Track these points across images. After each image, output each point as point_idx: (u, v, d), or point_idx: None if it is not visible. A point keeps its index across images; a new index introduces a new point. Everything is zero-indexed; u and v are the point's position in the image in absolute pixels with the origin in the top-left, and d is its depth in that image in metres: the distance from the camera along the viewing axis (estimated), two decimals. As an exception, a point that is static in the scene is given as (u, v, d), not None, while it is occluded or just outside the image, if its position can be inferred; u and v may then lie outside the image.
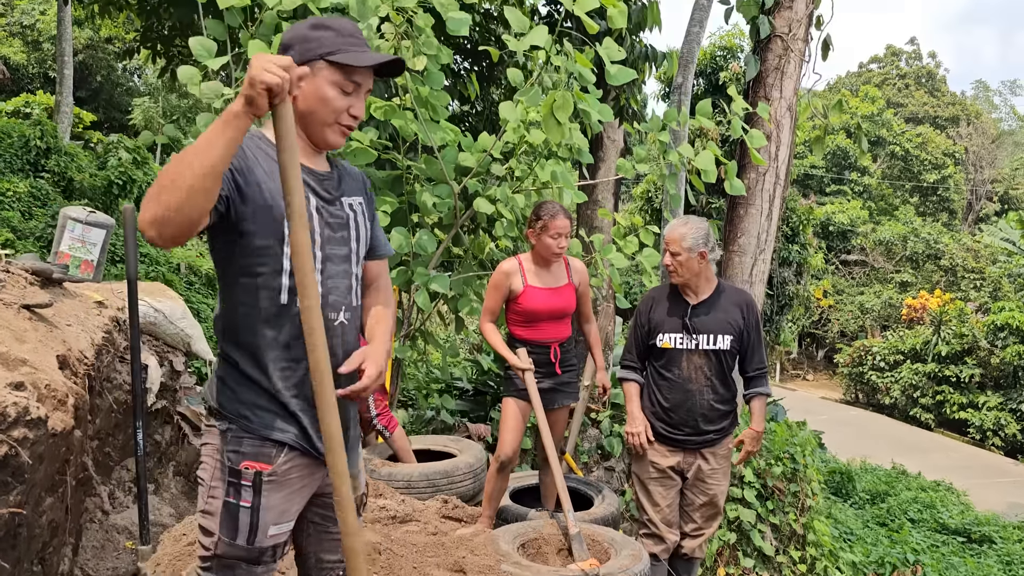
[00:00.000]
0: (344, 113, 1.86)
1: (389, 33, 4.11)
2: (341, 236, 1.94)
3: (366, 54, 1.86)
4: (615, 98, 6.33)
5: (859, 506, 11.55)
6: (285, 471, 1.86)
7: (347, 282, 1.96)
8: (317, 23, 1.87)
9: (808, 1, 5.98)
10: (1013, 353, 19.79)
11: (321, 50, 1.82)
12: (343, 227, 1.95)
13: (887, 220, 32.57)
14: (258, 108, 1.57)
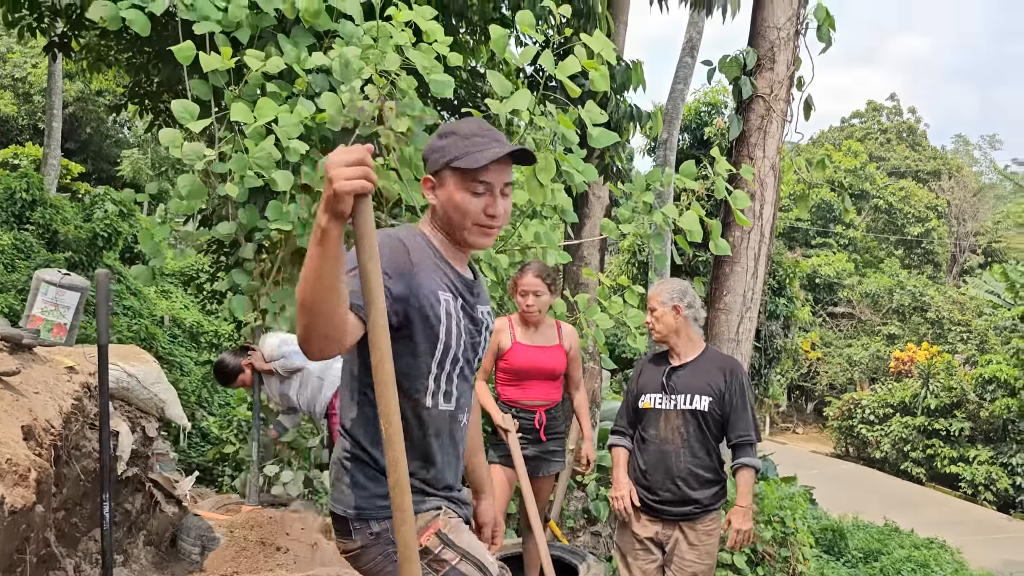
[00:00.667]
0: (480, 215, 1.85)
1: (373, 95, 4.12)
2: (474, 342, 1.98)
3: (484, 153, 1.81)
4: (600, 156, 6.35)
5: (852, 565, 11.36)
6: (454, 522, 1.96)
7: (469, 384, 2.02)
8: (444, 130, 1.90)
9: (789, 63, 6.06)
10: (1002, 406, 19.76)
11: (445, 158, 1.84)
12: (478, 333, 1.99)
13: (873, 273, 32.79)
14: (345, 215, 1.51)
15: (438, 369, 1.88)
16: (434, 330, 1.85)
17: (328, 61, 4.07)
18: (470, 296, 1.96)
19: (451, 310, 1.88)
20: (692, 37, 11.67)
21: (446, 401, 1.93)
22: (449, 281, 1.90)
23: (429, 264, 1.87)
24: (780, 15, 6.00)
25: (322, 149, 4.95)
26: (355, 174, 1.48)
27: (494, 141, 1.84)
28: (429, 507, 1.92)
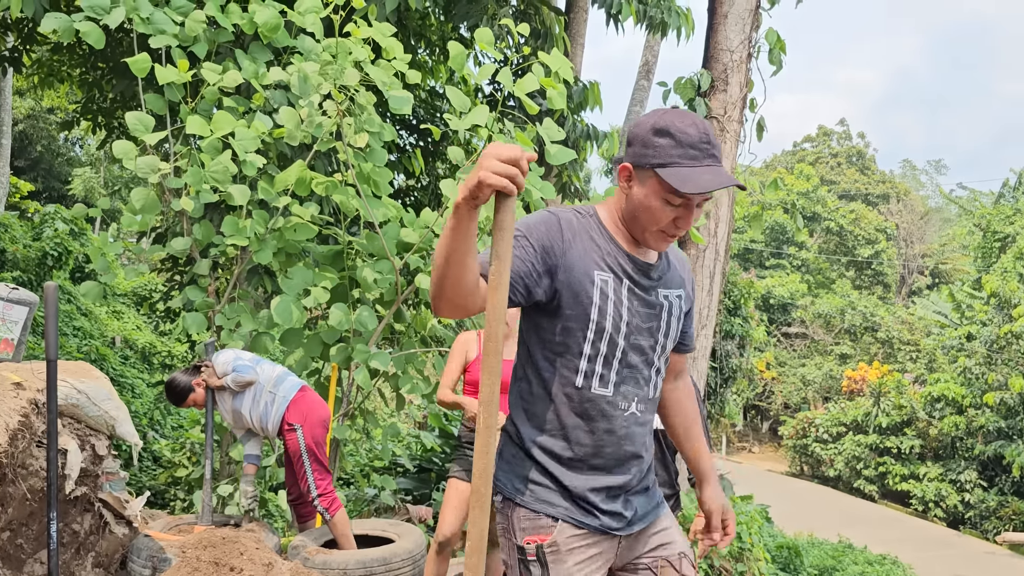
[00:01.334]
0: (668, 223, 1.81)
1: (331, 111, 4.12)
2: (649, 327, 1.90)
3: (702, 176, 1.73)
4: (557, 175, 6.42)
5: (807, 581, 11.47)
6: (565, 540, 1.87)
7: (645, 373, 1.92)
8: (661, 127, 1.77)
9: (742, 85, 6.20)
10: (950, 424, 20.22)
11: (655, 160, 1.76)
12: (653, 317, 1.91)
13: (825, 293, 33.44)
14: (481, 202, 1.56)
15: (592, 350, 1.84)
16: (585, 309, 1.82)
17: (286, 76, 4.07)
18: (645, 279, 1.89)
19: (608, 290, 1.83)
20: (648, 60, 11.89)
21: (601, 385, 1.86)
22: (613, 261, 1.86)
23: (588, 244, 1.84)
24: (733, 39, 6.15)
25: (279, 164, 4.94)
26: (504, 171, 1.51)
27: (708, 157, 1.75)
28: (552, 512, 1.87)
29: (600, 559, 1.93)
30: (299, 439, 3.93)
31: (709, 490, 2.08)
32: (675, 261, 2.01)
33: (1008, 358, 19.50)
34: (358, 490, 6.04)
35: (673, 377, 2.14)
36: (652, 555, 2.02)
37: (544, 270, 1.79)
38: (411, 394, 4.94)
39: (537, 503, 1.88)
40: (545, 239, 1.80)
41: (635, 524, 1.97)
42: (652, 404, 1.97)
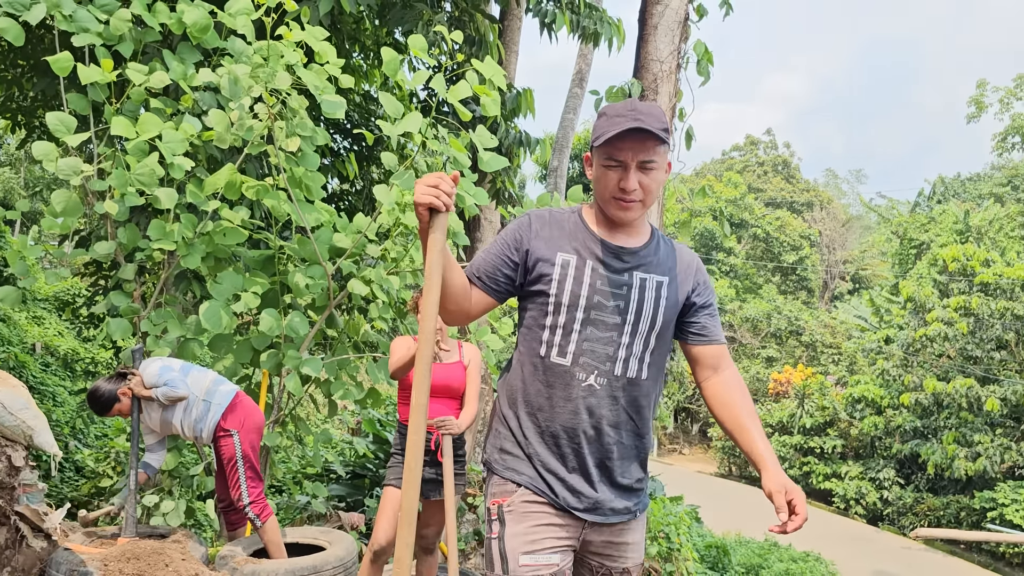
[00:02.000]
0: (615, 188, 1.99)
1: (263, 114, 4.07)
2: (616, 305, 2.03)
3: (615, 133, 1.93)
4: (491, 181, 6.46)
5: (735, 580, 11.75)
6: (522, 503, 2.05)
7: (609, 350, 2.03)
8: (600, 111, 2.04)
9: (671, 94, 6.35)
10: (869, 424, 20.98)
11: (593, 137, 2.02)
12: (620, 296, 2.04)
13: (752, 298, 34.34)
14: (425, 221, 1.83)
15: (551, 321, 2.03)
16: (546, 286, 2.03)
17: (216, 78, 4.01)
18: (616, 260, 2.05)
19: (568, 268, 2.03)
20: (581, 68, 12.05)
21: (559, 355, 2.03)
22: (580, 244, 2.06)
23: (557, 232, 2.08)
24: (663, 49, 6.29)
25: (209, 168, 4.85)
26: (426, 192, 1.79)
27: (631, 121, 1.93)
28: (516, 479, 2.07)
29: (561, 531, 2.06)
30: (235, 445, 3.88)
31: (766, 474, 2.05)
32: (671, 252, 2.16)
33: (923, 360, 20.35)
34: (290, 498, 5.96)
35: (710, 371, 2.20)
36: (600, 559, 2.15)
37: (517, 258, 2.06)
38: (344, 400, 4.90)
39: (506, 471, 2.09)
40: (516, 233, 2.09)
41: (601, 512, 2.07)
42: (622, 383, 2.05)
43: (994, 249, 25.85)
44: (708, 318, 2.18)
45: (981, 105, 30.69)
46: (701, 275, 2.20)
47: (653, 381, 2.12)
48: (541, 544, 2.03)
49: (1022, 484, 17.39)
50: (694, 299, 2.15)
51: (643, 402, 2.09)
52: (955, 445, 18.36)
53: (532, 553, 2.02)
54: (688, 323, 2.17)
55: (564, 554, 2.06)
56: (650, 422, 2.17)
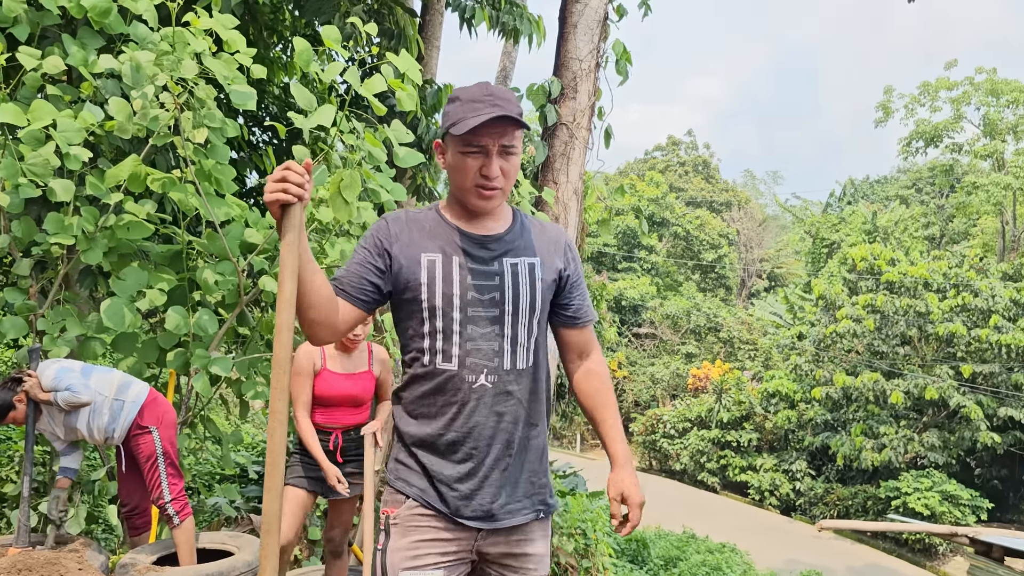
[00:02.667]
0: (476, 175, 1.90)
1: (168, 103, 3.91)
2: (491, 298, 1.94)
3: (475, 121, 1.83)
4: (411, 177, 6.38)
5: (654, 572, 11.97)
6: (409, 516, 1.96)
7: (495, 345, 1.94)
8: (452, 95, 1.94)
9: (590, 93, 6.39)
10: (783, 418, 21.68)
11: (447, 123, 1.92)
12: (492, 288, 1.94)
13: (673, 295, 35.06)
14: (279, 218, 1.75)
15: (430, 327, 1.93)
16: (416, 292, 1.92)
17: (118, 65, 3.83)
18: (482, 250, 1.96)
19: (435, 269, 1.93)
20: (506, 66, 12.05)
21: (445, 360, 1.93)
22: (444, 240, 1.96)
23: (417, 232, 1.97)
24: (582, 48, 6.33)
25: (113, 159, 4.64)
26: (274, 188, 1.72)
27: (490, 107, 1.85)
28: (406, 490, 1.98)
29: (451, 545, 1.96)
30: (155, 441, 3.75)
31: (612, 475, 2.05)
32: (536, 231, 2.07)
33: (833, 356, 21.13)
34: (199, 501, 5.77)
35: (576, 356, 2.15)
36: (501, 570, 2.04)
37: (382, 264, 1.94)
38: (257, 400, 4.77)
39: (397, 481, 2.00)
40: (375, 239, 1.97)
41: (495, 519, 1.97)
42: (513, 375, 1.97)
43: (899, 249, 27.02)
44: (580, 299, 2.11)
45: (888, 110, 31.99)
46: (571, 251, 2.11)
47: (540, 366, 2.04)
48: (424, 560, 1.94)
49: (923, 474, 18.24)
50: (565, 275, 2.07)
51: (536, 388, 2.02)
52: (862, 437, 19.12)
53: (413, 569, 1.93)
54: (561, 304, 2.09)
55: (450, 569, 1.96)
56: (547, 408, 2.08)
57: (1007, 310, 18.94)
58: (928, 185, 36.74)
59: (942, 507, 17.11)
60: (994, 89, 28.58)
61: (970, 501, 17.56)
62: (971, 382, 18.69)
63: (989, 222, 30.84)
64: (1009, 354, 18.30)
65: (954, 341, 19.14)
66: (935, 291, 19.83)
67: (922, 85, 30.80)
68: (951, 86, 30.01)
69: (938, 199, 34.86)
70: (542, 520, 2.08)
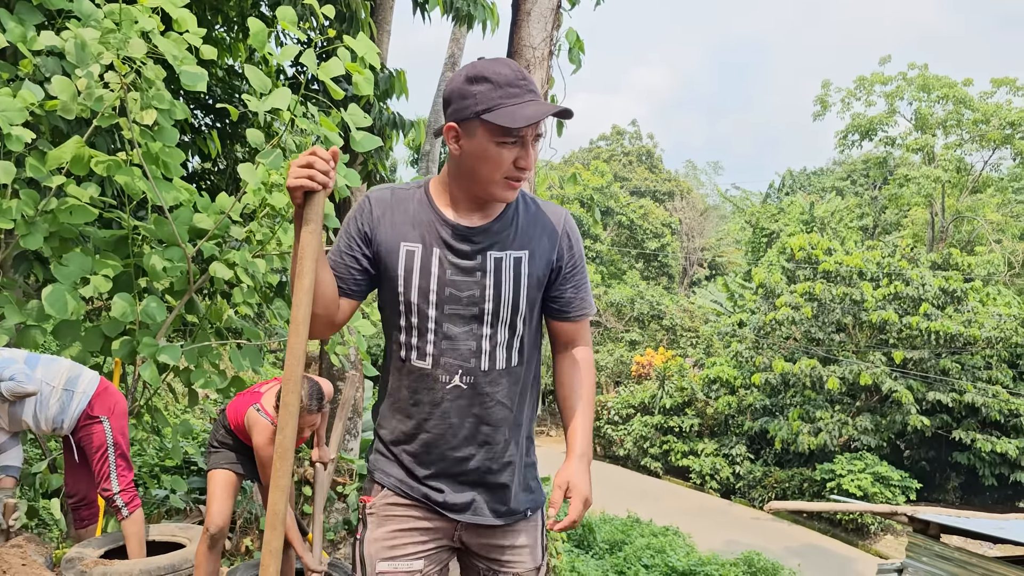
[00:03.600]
0: (511, 168, 1.76)
1: (114, 83, 3.78)
2: (470, 295, 1.82)
3: (526, 109, 1.70)
4: (363, 163, 6.30)
5: (599, 556, 12.14)
6: (385, 505, 1.91)
7: (472, 344, 1.83)
8: (474, 75, 1.74)
9: (543, 81, 6.38)
10: (724, 403, 22.13)
11: (477, 108, 1.72)
12: (473, 285, 1.82)
13: (617, 283, 35.41)
14: (298, 206, 1.69)
15: (405, 322, 1.84)
16: (393, 283, 1.83)
17: (60, 42, 3.68)
18: (465, 244, 1.82)
19: (413, 262, 1.82)
20: (454, 52, 11.95)
21: (419, 358, 1.84)
22: (427, 229, 1.83)
23: (400, 216, 1.85)
24: (535, 35, 6.31)
25: (54, 140, 4.47)
26: (299, 173, 1.65)
27: (528, 92, 1.73)
28: (383, 480, 1.93)
29: (427, 535, 1.90)
30: (107, 431, 3.70)
31: (563, 466, 1.97)
32: (532, 216, 1.92)
33: (772, 343, 21.62)
34: (146, 492, 5.63)
35: (562, 346, 2.04)
36: (485, 563, 1.97)
37: (369, 251, 1.86)
38: (206, 389, 4.66)
39: (376, 471, 1.95)
40: (358, 223, 1.86)
41: (477, 513, 1.90)
42: (491, 377, 1.85)
43: (835, 239, 27.77)
44: (573, 291, 1.96)
45: (825, 104, 32.74)
46: (568, 239, 1.94)
47: (528, 364, 1.93)
48: (402, 550, 1.88)
49: (856, 456, 18.84)
50: (558, 266, 1.92)
51: (518, 389, 1.91)
52: (799, 421, 19.65)
53: (391, 560, 1.87)
54: (552, 296, 1.95)
55: (430, 559, 1.91)
56: (531, 407, 2.00)
57: (936, 298, 19.62)
58: (863, 177, 37.82)
59: (874, 488, 17.71)
60: (926, 85, 29.49)
61: (900, 482, 18.21)
62: (902, 368, 19.35)
63: (919, 213, 31.89)
64: (937, 340, 18.97)
65: (886, 328, 19.78)
66: (869, 280, 20.44)
67: (858, 79, 31.60)
68: (885, 81, 30.86)
69: (872, 191, 35.92)
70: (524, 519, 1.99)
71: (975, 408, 18.43)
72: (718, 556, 12.51)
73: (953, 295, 19.68)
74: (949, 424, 19.20)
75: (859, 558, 16.51)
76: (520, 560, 1.97)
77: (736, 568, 12.00)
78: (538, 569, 2.01)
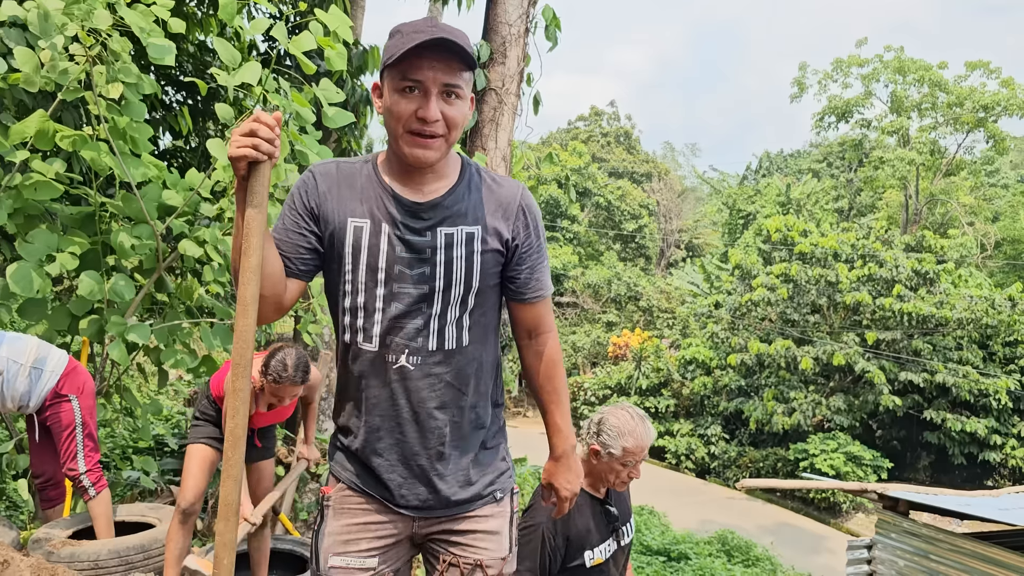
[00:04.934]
0: (411, 118, 1.64)
1: (79, 56, 3.68)
2: (420, 273, 1.73)
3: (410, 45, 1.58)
4: (336, 140, 6.22)
5: (575, 535, 12.21)
6: (341, 499, 1.86)
7: (418, 322, 1.74)
8: (393, 29, 1.66)
9: (519, 59, 6.33)
10: (700, 384, 22.31)
11: (386, 58, 1.65)
12: (422, 262, 1.72)
13: (595, 265, 35.48)
14: (241, 174, 1.57)
15: (351, 303, 1.75)
16: (340, 262, 1.75)
17: (23, 12, 3.58)
18: (414, 220, 1.72)
19: (361, 238, 1.72)
20: (430, 30, 11.82)
21: (365, 340, 1.75)
22: (375, 205, 1.73)
23: (347, 191, 1.75)
24: (512, 12, 6.26)
25: (17, 114, 4.36)
26: (242, 143, 1.53)
27: (432, 34, 1.59)
28: (340, 475, 1.88)
29: (383, 529, 1.84)
30: (75, 410, 3.65)
31: (547, 464, 1.93)
32: (486, 191, 1.80)
33: (748, 324, 21.80)
34: (116, 473, 5.57)
35: (524, 334, 1.93)
36: (445, 547, 1.88)
37: (317, 229, 1.76)
38: (177, 369, 4.61)
39: (334, 464, 1.91)
40: (303, 199, 1.77)
41: (435, 508, 1.84)
42: (439, 357, 1.77)
43: (811, 220, 27.97)
44: (529, 271, 1.84)
45: (802, 86, 32.88)
46: (524, 215, 1.82)
47: (481, 343, 1.82)
48: (356, 545, 1.83)
49: (829, 436, 19.10)
50: (513, 244, 1.81)
51: (470, 370, 1.81)
52: (774, 402, 19.87)
53: (343, 555, 1.82)
54: (508, 276, 1.84)
55: (386, 555, 1.85)
56: (491, 388, 1.90)
57: (909, 280, 19.87)
58: (838, 159, 38.09)
59: (846, 467, 17.97)
60: (902, 67, 29.70)
61: (872, 461, 18.50)
62: (875, 348, 19.61)
63: (894, 195, 32.21)
64: (910, 321, 19.23)
65: (860, 309, 20.00)
66: (844, 261, 20.64)
67: (835, 62, 31.75)
68: (862, 63, 31.04)
69: (848, 173, 36.19)
70: (493, 502, 1.91)
71: (946, 388, 18.73)
72: (693, 534, 12.64)
73: (926, 277, 19.93)
74: (920, 404, 19.50)
75: (831, 536, 16.77)
76: (482, 547, 1.88)
77: (711, 546, 12.14)
78: (504, 559, 1.91)
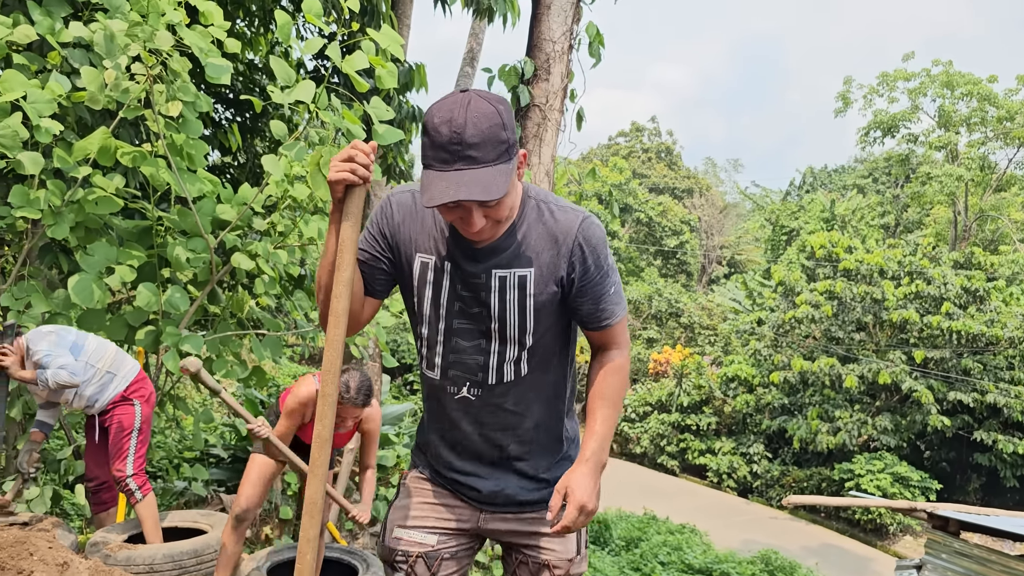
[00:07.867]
0: (457, 221, 1.67)
1: (140, 75, 3.82)
2: (478, 312, 1.80)
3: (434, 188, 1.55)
4: (383, 156, 6.33)
5: (616, 553, 12.12)
6: (416, 480, 2.05)
7: (479, 359, 1.83)
8: (425, 121, 1.60)
9: (563, 75, 6.39)
10: (742, 402, 22.02)
11: (422, 157, 1.63)
12: (479, 302, 1.79)
13: (635, 280, 35.32)
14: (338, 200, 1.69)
15: (419, 332, 1.87)
16: (409, 293, 1.86)
17: (89, 34, 3.73)
18: (471, 262, 1.75)
19: (427, 273, 1.81)
20: (473, 47, 11.96)
21: (429, 368, 1.89)
22: (440, 242, 1.79)
23: (417, 225, 1.82)
24: (556, 29, 6.32)
25: (78, 132, 4.53)
26: (341, 167, 1.65)
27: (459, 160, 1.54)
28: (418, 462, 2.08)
29: (449, 513, 1.98)
30: (136, 414, 3.83)
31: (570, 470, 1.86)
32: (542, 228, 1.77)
33: (791, 341, 21.50)
34: (167, 482, 5.69)
35: (594, 351, 1.96)
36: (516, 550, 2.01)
37: (392, 256, 1.85)
38: (226, 379, 4.71)
39: (416, 454, 2.10)
40: (379, 226, 1.85)
41: (500, 504, 1.96)
42: (500, 389, 1.84)
43: (856, 237, 27.54)
44: (592, 304, 1.82)
45: (847, 100, 32.44)
46: (582, 250, 1.77)
47: (542, 371, 1.87)
48: (421, 521, 1.97)
49: (876, 456, 18.70)
50: (570, 280, 1.79)
51: (532, 395, 1.87)
52: (818, 420, 19.52)
53: (407, 528, 1.96)
54: (571, 308, 1.85)
55: (447, 537, 1.96)
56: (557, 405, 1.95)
57: (958, 297, 19.42)
58: (884, 175, 37.46)
59: (893, 488, 17.57)
60: (949, 81, 29.16)
61: (920, 483, 18.06)
62: (923, 367, 19.18)
63: (942, 212, 31.56)
64: (959, 340, 18.78)
65: (907, 327, 19.60)
66: (890, 278, 20.26)
67: (881, 76, 31.28)
68: (908, 77, 30.54)
69: (893, 188, 35.57)
70: None
71: (997, 409, 18.23)
72: (735, 554, 12.46)
73: (975, 294, 19.46)
74: (970, 425, 19.00)
75: (877, 558, 16.40)
76: (551, 548, 1.97)
77: (753, 566, 11.95)
78: (571, 560, 1.99)
